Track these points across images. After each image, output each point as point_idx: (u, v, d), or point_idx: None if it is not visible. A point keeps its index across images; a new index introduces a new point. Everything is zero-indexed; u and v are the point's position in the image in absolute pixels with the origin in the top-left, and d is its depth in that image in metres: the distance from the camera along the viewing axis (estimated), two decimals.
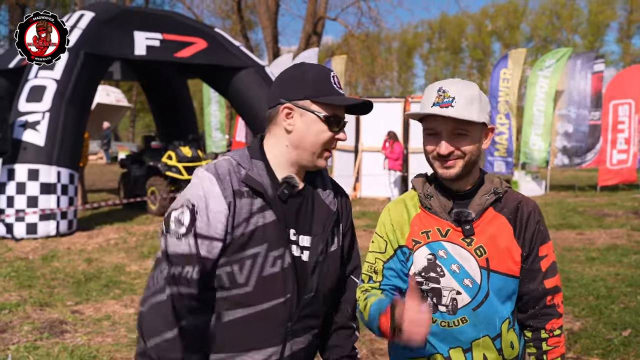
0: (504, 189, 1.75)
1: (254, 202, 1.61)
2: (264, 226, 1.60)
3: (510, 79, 15.03)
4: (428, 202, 1.75)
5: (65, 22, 9.99)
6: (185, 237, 1.56)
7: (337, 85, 1.67)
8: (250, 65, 11.76)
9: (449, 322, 1.69)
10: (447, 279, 1.68)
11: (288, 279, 1.62)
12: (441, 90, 1.64)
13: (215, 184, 1.58)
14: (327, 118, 1.63)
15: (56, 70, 9.16)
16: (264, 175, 1.64)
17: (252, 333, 1.62)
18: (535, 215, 1.76)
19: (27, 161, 8.63)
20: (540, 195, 14.97)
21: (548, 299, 1.75)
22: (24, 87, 9.14)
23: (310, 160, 1.67)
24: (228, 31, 30.89)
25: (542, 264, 1.75)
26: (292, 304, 1.63)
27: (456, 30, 74.32)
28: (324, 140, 1.65)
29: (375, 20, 31.38)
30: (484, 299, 1.68)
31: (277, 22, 30.29)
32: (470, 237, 1.69)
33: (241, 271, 1.59)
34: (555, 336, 1.75)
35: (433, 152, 1.68)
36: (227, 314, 1.62)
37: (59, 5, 36.41)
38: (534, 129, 15.32)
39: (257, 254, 1.59)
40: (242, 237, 1.59)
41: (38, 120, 8.80)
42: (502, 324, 1.71)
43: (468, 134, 1.66)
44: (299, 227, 1.68)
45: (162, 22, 11.04)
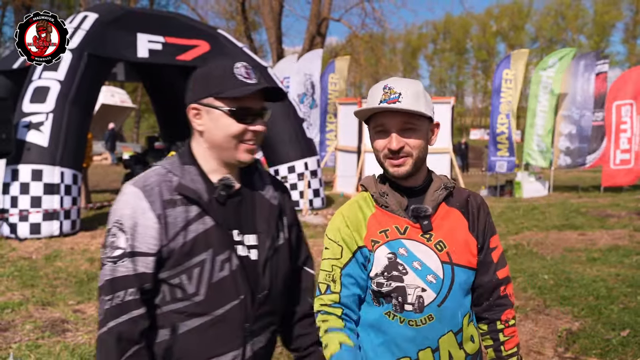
0: (452, 184, 1.79)
1: (190, 209, 1.58)
2: (205, 232, 1.58)
3: (513, 79, 15.03)
4: (384, 201, 1.74)
5: (69, 23, 10.07)
6: (121, 260, 1.55)
7: (245, 76, 1.62)
8: (253, 67, 11.78)
9: (416, 321, 1.68)
10: (410, 277, 1.68)
11: (238, 280, 1.61)
12: (387, 88, 1.67)
13: (142, 198, 1.56)
14: (232, 111, 1.60)
15: (60, 71, 9.21)
16: (197, 180, 1.62)
17: (211, 341, 1.60)
18: (485, 207, 1.81)
19: (31, 162, 8.67)
20: (543, 196, 14.95)
21: (502, 290, 1.78)
22: (28, 88, 9.18)
23: (230, 156, 1.64)
24: (232, 32, 30.96)
25: (494, 255, 1.78)
26: (247, 305, 1.62)
27: (461, 30, 74.25)
28: (233, 133, 1.61)
29: (379, 21, 31.41)
30: (447, 293, 1.68)
31: (281, 23, 30.36)
32: (429, 232, 1.70)
33: (190, 281, 1.57)
34: (511, 326, 1.79)
35: (384, 149, 1.69)
36: (183, 325, 1.60)
37: (64, 6, 36.57)
38: (537, 130, 15.31)
39: (204, 261, 1.57)
40: (184, 247, 1.57)
41: (42, 121, 8.84)
42: (464, 318, 1.73)
43: (416, 127, 1.68)
44: (243, 227, 1.66)
45: (165, 24, 11.06)
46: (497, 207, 12.59)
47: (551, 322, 5.08)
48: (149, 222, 1.55)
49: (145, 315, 1.56)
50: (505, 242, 8.72)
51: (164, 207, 1.56)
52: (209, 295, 1.58)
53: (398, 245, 1.70)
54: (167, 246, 1.56)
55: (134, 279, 1.55)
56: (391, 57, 46.08)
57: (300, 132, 11.70)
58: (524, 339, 4.72)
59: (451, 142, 14.58)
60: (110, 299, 1.54)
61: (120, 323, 1.53)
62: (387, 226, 1.72)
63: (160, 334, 1.62)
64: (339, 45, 39.02)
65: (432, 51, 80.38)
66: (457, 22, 75.01)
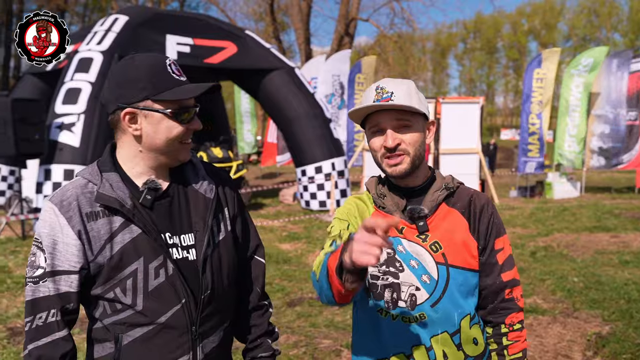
0: (455, 185, 1.77)
1: (113, 220, 1.51)
2: (133, 241, 1.50)
3: (544, 79, 14.77)
4: (381, 202, 1.75)
5: (100, 25, 10.26)
6: (42, 280, 1.49)
7: (177, 74, 1.55)
8: (281, 67, 11.85)
9: (409, 318, 1.68)
10: (406, 274, 1.68)
11: (177, 285, 1.53)
12: (379, 88, 1.67)
13: (59, 214, 1.48)
14: (173, 113, 1.53)
15: (91, 72, 9.40)
16: (120, 187, 1.53)
17: (157, 349, 1.54)
18: (489, 208, 1.76)
19: (63, 162, 8.86)
20: (575, 197, 14.67)
21: (506, 292, 1.74)
22: (60, 90, 9.38)
23: (171, 157, 1.59)
24: (261, 33, 31.15)
25: (499, 257, 1.74)
26: (190, 308, 1.55)
27: (491, 29, 73.33)
28: (176, 135, 1.55)
29: (408, 20, 31.24)
30: (442, 295, 1.67)
31: (309, 24, 30.44)
32: (424, 233, 1.69)
33: (125, 293, 1.50)
34: (516, 330, 1.73)
35: (381, 149, 1.68)
36: (126, 336, 1.53)
37: (97, 9, 37.29)
38: (568, 130, 15.01)
39: (136, 271, 1.50)
40: (112, 260, 1.49)
41: (73, 122, 9.03)
42: (462, 320, 1.70)
43: (411, 124, 1.68)
44: (176, 228, 1.58)
45: (193, 25, 11.20)
46: (527, 209, 12.40)
47: (580, 326, 4.98)
48: (68, 239, 1.48)
49: (67, 337, 1.51)
50: (534, 244, 8.59)
51: (83, 221, 1.49)
52: (147, 305, 1.51)
53: (397, 242, 1.70)
54: (93, 262, 1.50)
55: (56, 299, 1.49)
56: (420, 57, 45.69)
57: (327, 133, 11.71)
58: (551, 343, 4.63)
59: (480, 142, 14.41)
60: (30, 321, 1.50)
61: (40, 347, 1.48)
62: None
63: (105, 347, 1.56)
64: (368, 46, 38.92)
65: (462, 50, 79.55)
66: (487, 20, 74.09)
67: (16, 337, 4.72)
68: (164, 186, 1.60)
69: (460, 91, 79.77)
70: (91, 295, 1.53)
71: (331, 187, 11.26)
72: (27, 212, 9.16)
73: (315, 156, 11.57)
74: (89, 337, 1.60)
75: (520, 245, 8.49)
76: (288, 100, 11.64)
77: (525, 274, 6.79)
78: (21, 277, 6.52)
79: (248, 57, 11.47)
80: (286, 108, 11.67)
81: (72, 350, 1.52)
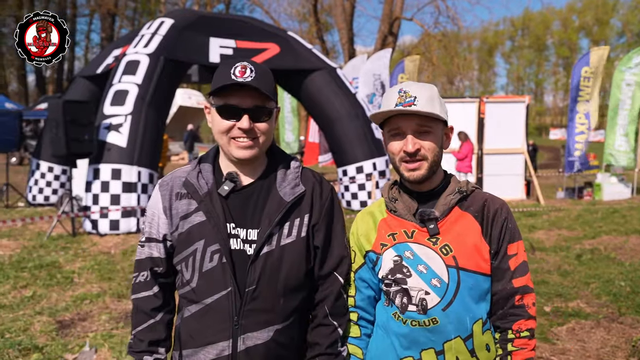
0: (469, 189, 1.76)
1: (192, 202, 1.71)
2: (201, 223, 1.68)
3: (592, 77, 14.33)
4: (393, 205, 1.77)
5: (147, 29, 10.54)
6: (144, 244, 1.79)
7: (237, 75, 1.62)
8: (322, 67, 11.90)
9: (419, 322, 1.68)
10: (414, 280, 1.69)
11: (226, 272, 1.64)
12: (402, 91, 1.67)
13: (158, 192, 1.77)
14: (218, 108, 1.67)
15: (138, 75, 9.67)
16: (207, 176, 1.73)
17: (204, 328, 1.68)
18: (503, 212, 1.74)
19: (111, 161, 9.15)
20: (626, 199, 14.18)
21: (517, 299, 1.71)
22: (109, 92, 9.68)
23: (227, 151, 1.71)
24: (305, 34, 31.31)
25: (511, 263, 1.72)
26: (235, 298, 1.65)
27: (540, 26, 71.59)
28: (221, 130, 1.67)
29: (453, 19, 30.82)
30: (453, 298, 1.66)
31: (352, 24, 30.42)
32: (435, 236, 1.70)
33: (187, 268, 1.70)
34: (523, 337, 1.69)
35: (399, 152, 1.70)
36: (185, 310, 1.74)
37: (145, 13, 38.20)
38: (619, 130, 14.52)
39: (196, 250, 1.68)
40: (182, 236, 1.70)
41: (121, 122, 9.31)
42: (474, 324, 1.69)
43: (432, 131, 1.69)
44: (244, 221, 1.68)
45: (236, 27, 11.36)
46: (574, 210, 12.07)
47: (625, 331, 4.83)
48: (160, 212, 1.75)
49: (158, 295, 1.79)
50: (580, 247, 8.36)
51: (171, 199, 1.74)
52: (200, 283, 1.68)
53: (404, 248, 1.72)
54: (172, 234, 1.73)
55: (148, 262, 1.79)
56: (465, 56, 44.97)
57: (368, 133, 11.69)
58: (594, 348, 4.51)
59: (526, 142, 14.11)
60: (135, 276, 1.81)
61: (138, 298, 1.80)
62: (395, 230, 1.75)
63: (179, 315, 1.80)
64: (412, 45, 38.61)
65: (510, 48, 77.98)
66: (536, 17, 72.35)
67: (64, 330, 4.91)
68: (247, 181, 1.74)
69: (508, 90, 78.16)
70: (173, 266, 1.77)
71: (372, 187, 11.24)
72: (77, 210, 9.49)
73: (356, 156, 11.57)
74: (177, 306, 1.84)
75: (565, 248, 8.28)
76: (329, 100, 11.67)
77: (570, 277, 6.63)
78: (71, 272, 6.78)
79: (290, 57, 11.56)
80: (327, 108, 11.71)
81: (163, 306, 1.80)
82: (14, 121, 12.25)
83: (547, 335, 4.78)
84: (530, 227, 9.92)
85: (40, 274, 6.70)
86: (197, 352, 1.69)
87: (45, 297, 5.85)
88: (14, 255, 7.64)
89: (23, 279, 6.43)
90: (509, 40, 77.43)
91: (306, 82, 11.82)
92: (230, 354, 1.66)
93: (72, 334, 4.83)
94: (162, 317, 1.79)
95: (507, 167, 13.61)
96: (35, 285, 6.22)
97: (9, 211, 11.61)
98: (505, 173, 13.43)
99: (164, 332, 1.79)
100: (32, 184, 12.39)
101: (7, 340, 4.58)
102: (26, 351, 4.39)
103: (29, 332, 4.83)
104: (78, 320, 5.18)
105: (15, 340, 4.55)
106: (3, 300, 5.68)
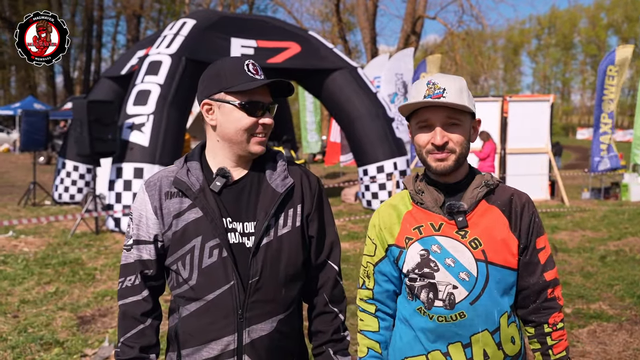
0: (495, 182, 1.75)
1: (184, 200, 1.70)
2: (196, 220, 1.67)
3: (616, 75, 14.06)
4: (419, 198, 1.75)
5: (169, 29, 10.65)
6: (131, 248, 1.75)
7: (253, 72, 1.69)
8: (343, 67, 11.89)
9: (446, 317, 1.67)
10: (441, 274, 1.67)
11: (227, 266, 1.65)
12: (430, 83, 1.66)
13: (145, 192, 1.74)
14: (242, 105, 1.67)
15: (160, 75, 9.77)
16: (196, 174, 1.72)
17: (206, 325, 1.67)
18: (530, 207, 1.74)
19: (133, 160, 9.25)
20: None
21: (549, 292, 1.73)
22: (132, 92, 9.80)
23: (242, 148, 1.71)
24: (327, 34, 31.31)
25: (541, 257, 1.72)
26: (238, 291, 1.65)
27: (568, 24, 70.56)
28: (244, 126, 1.68)
29: (477, 17, 30.53)
30: (482, 291, 1.65)
31: (375, 23, 30.33)
32: (464, 229, 1.68)
33: (184, 267, 1.68)
34: (559, 329, 1.73)
35: (427, 145, 1.68)
36: (184, 309, 1.71)
37: (170, 14, 38.63)
38: None
39: (193, 247, 1.67)
40: (176, 235, 1.69)
41: (143, 122, 9.41)
42: (501, 318, 1.68)
43: (460, 123, 1.67)
44: (239, 215, 1.70)
45: (258, 27, 11.42)
46: (599, 211, 11.85)
47: None
48: (149, 213, 1.72)
49: (148, 299, 1.75)
50: (605, 248, 8.22)
51: (161, 199, 1.71)
52: (199, 280, 1.67)
53: (431, 242, 1.70)
54: (164, 234, 1.71)
55: (138, 265, 1.74)
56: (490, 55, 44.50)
57: (389, 132, 11.64)
58: (615, 351, 4.43)
59: (550, 141, 13.90)
60: (121, 282, 1.77)
61: (126, 304, 1.75)
62: (421, 223, 1.73)
63: (173, 317, 1.77)
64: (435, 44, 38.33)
65: (536, 47, 76.98)
66: (563, 15, 71.33)
67: (85, 326, 4.99)
68: (239, 176, 1.75)
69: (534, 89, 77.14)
70: (165, 267, 1.76)
71: (393, 187, 11.19)
72: (100, 208, 9.64)
73: (377, 156, 11.53)
74: (169, 308, 1.82)
75: (589, 249, 8.14)
76: (350, 99, 11.65)
77: (593, 278, 6.52)
78: (93, 269, 6.89)
79: (311, 57, 11.58)
80: (348, 107, 11.69)
81: (152, 311, 1.76)
82: (41, 121, 12.49)
83: (568, 337, 4.71)
84: (553, 228, 9.77)
85: (64, 270, 6.83)
86: (199, 350, 1.68)
87: (68, 293, 5.96)
88: (39, 252, 7.79)
89: (47, 275, 6.56)
90: (535, 38, 76.46)
91: (327, 82, 11.82)
92: (235, 348, 1.66)
93: (92, 330, 4.91)
94: (152, 322, 1.76)
95: (531, 166, 13.42)
96: (58, 282, 6.34)
97: (36, 209, 11.85)
98: (529, 173, 13.25)
99: (154, 337, 1.76)
100: (58, 182, 12.62)
101: (29, 334, 4.68)
102: (47, 345, 4.48)
103: (50, 327, 4.92)
104: (98, 316, 5.26)
105: (37, 335, 4.64)
106: (27, 296, 5.80)
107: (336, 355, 1.81)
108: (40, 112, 12.73)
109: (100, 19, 50.15)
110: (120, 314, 1.76)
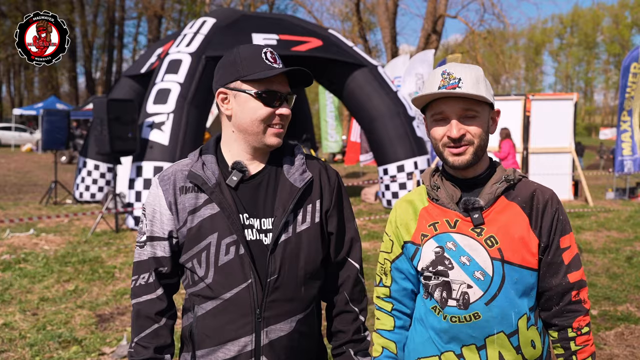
0: (516, 177, 1.65)
1: (199, 196, 1.63)
2: (212, 217, 1.60)
3: (638, 73, 13.74)
4: (435, 194, 1.67)
5: (189, 28, 10.66)
6: (144, 244, 1.68)
7: (271, 61, 1.61)
8: (364, 65, 11.80)
9: (459, 317, 1.59)
10: (456, 272, 1.59)
11: (245, 264, 1.58)
12: (445, 73, 1.57)
13: (158, 187, 1.66)
14: (258, 94, 1.59)
15: (180, 74, 9.78)
16: (212, 167, 1.65)
17: (222, 325, 1.60)
18: (553, 203, 1.63)
19: (153, 159, 9.27)
20: None
21: (573, 294, 1.61)
22: (152, 90, 9.83)
23: (258, 140, 1.63)
24: (347, 33, 31.23)
25: (565, 257, 1.61)
26: (256, 290, 1.58)
27: (590, 23, 69.58)
28: (261, 117, 1.60)
29: (499, 16, 30.20)
30: (497, 292, 1.56)
31: (395, 22, 30.15)
32: (480, 226, 1.59)
33: (200, 264, 1.61)
34: (584, 334, 1.61)
35: (443, 138, 1.59)
36: (199, 308, 1.64)
37: (191, 15, 38.87)
38: None
39: (209, 244, 1.60)
40: (191, 231, 1.61)
41: (163, 121, 9.43)
42: (519, 320, 1.58)
43: (477, 115, 1.58)
44: (257, 211, 1.63)
45: (278, 24, 11.38)
46: (625, 211, 11.60)
47: None
48: (163, 208, 1.65)
49: (162, 297, 1.68)
50: (631, 249, 8.02)
51: (175, 194, 1.64)
52: (216, 278, 1.60)
53: (447, 239, 1.62)
54: (179, 230, 1.64)
55: (152, 262, 1.67)
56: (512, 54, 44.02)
57: (410, 131, 11.53)
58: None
59: (573, 141, 13.65)
60: (135, 280, 1.70)
61: (140, 302, 1.68)
62: (437, 219, 1.65)
63: (188, 317, 1.69)
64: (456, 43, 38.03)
65: (558, 46, 76.00)
66: (586, 14, 70.35)
67: (104, 324, 4.98)
68: (255, 170, 1.67)
69: (556, 88, 76.22)
70: (180, 264, 1.69)
71: (413, 186, 11.07)
72: (120, 206, 9.67)
73: (397, 155, 11.43)
74: (182, 307, 1.75)
75: (614, 250, 7.95)
76: (370, 98, 11.56)
77: (619, 280, 6.35)
78: (112, 267, 6.90)
79: (333, 49, 11.49)
80: (368, 107, 11.60)
81: (167, 310, 1.69)
82: (62, 120, 12.60)
83: (594, 339, 4.57)
84: (577, 228, 9.57)
85: (83, 268, 6.84)
86: (215, 351, 1.61)
87: (87, 291, 5.96)
88: (59, 250, 7.83)
89: (66, 273, 6.58)
90: (557, 37, 75.51)
91: (348, 80, 11.74)
92: (253, 349, 1.59)
93: (110, 328, 4.90)
94: (167, 322, 1.69)
95: (554, 166, 13.19)
96: (77, 280, 6.35)
97: (57, 208, 11.95)
98: (552, 172, 13.02)
99: (169, 337, 1.70)
100: (79, 181, 12.73)
101: (48, 332, 4.68)
102: (66, 343, 4.47)
103: (69, 325, 4.92)
104: (117, 315, 5.25)
105: (55, 333, 4.64)
106: (47, 294, 5.82)
107: (357, 356, 1.75)
108: (61, 111, 12.84)
109: (122, 20, 50.71)
110: (133, 313, 1.70)
